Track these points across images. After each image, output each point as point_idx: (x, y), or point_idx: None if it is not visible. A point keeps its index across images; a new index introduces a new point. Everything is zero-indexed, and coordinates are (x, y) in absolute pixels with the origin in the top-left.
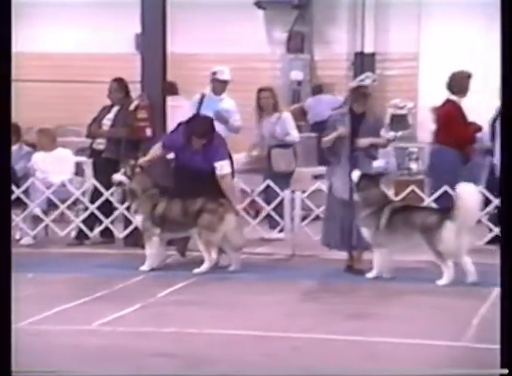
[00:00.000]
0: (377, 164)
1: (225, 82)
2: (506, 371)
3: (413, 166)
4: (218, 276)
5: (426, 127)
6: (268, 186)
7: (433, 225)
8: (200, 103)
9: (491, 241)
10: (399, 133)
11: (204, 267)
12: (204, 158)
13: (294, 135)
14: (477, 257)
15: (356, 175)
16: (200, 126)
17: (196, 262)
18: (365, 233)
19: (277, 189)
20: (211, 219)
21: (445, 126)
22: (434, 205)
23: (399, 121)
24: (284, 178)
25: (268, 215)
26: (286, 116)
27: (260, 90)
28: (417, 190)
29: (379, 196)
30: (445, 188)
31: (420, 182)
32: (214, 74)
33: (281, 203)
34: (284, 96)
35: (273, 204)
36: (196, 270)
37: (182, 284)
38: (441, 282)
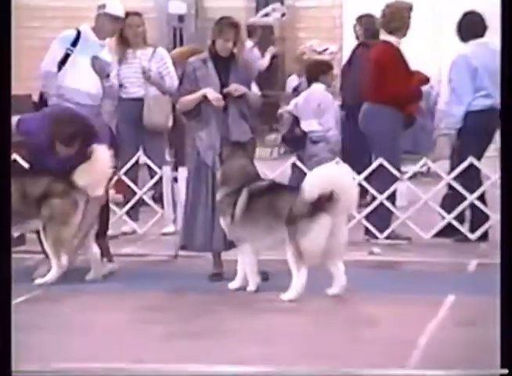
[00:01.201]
0: (307, 126)
1: (116, 20)
2: (506, 371)
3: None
4: (70, 288)
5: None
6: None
7: (302, 215)
8: (74, 44)
9: (441, 233)
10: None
11: (50, 276)
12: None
13: (174, 78)
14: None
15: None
16: (66, 126)
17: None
18: (222, 222)
19: (151, 163)
20: (61, 207)
21: (377, 77)
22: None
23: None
24: (161, 141)
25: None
26: (163, 52)
27: (126, 15)
28: (386, 165)
29: (240, 171)
30: (380, 161)
31: None
32: (102, 7)
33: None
34: (161, 36)
35: (148, 185)
36: (39, 280)
37: (20, 300)
38: (286, 296)
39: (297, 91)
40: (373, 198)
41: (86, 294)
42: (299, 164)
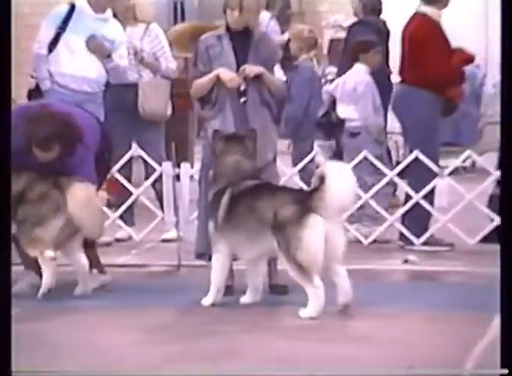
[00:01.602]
0: (342, 112)
1: None
2: (506, 371)
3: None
4: (56, 305)
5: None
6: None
7: (289, 220)
8: (66, 21)
9: (488, 238)
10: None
11: (46, 282)
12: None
13: (170, 59)
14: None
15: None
16: (43, 127)
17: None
18: (209, 226)
19: (147, 157)
20: (37, 208)
21: (413, 55)
22: (396, 180)
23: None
24: (158, 132)
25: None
26: (156, 29)
27: None
28: (370, 157)
29: (231, 168)
30: (416, 154)
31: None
32: None
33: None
34: (158, 11)
35: (145, 184)
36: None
37: None
38: (305, 313)
39: None
40: (408, 198)
41: (74, 311)
42: (320, 158)
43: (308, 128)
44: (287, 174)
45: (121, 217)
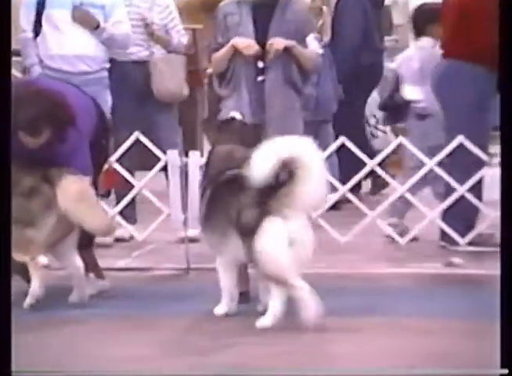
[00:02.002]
0: (408, 93)
1: None
2: (506, 371)
3: None
4: (49, 314)
5: None
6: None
7: (249, 226)
8: None
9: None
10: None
11: (34, 289)
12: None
13: (182, 32)
14: None
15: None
16: (28, 109)
17: None
18: None
19: (151, 145)
20: (26, 206)
21: (461, 23)
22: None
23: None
24: (172, 115)
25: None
26: None
27: None
28: (406, 143)
29: (223, 158)
30: (461, 140)
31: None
32: None
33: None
34: None
35: (149, 175)
36: (27, 301)
37: None
38: (261, 323)
39: None
40: (450, 190)
41: (68, 322)
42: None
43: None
44: None
45: (121, 213)
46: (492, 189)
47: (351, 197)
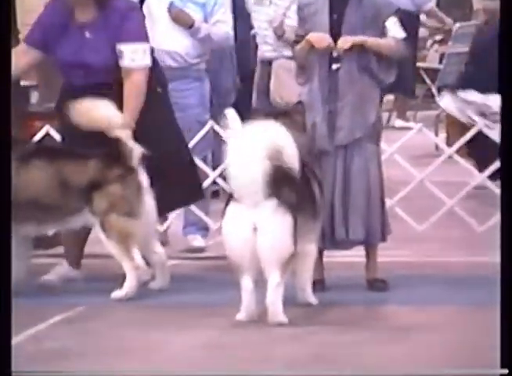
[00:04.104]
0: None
1: None
2: (506, 371)
3: None
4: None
5: None
6: None
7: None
8: None
9: None
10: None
11: (129, 287)
12: (98, 39)
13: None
14: None
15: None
16: None
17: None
18: None
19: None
20: (122, 194)
21: None
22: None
23: None
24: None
25: None
26: None
27: None
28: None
29: None
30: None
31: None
32: None
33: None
34: None
35: (221, 167)
36: (117, 294)
37: (56, 319)
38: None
39: None
40: None
41: (144, 309)
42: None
43: None
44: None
45: None
46: None
47: (429, 185)
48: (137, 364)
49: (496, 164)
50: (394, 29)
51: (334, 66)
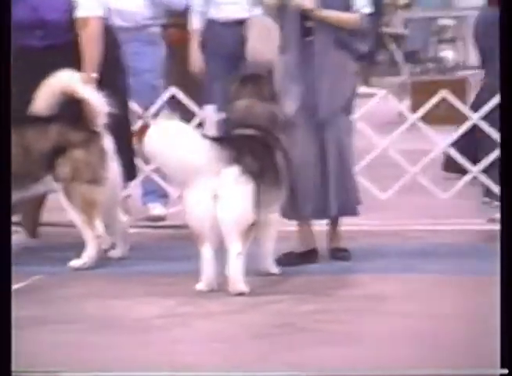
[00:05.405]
0: None
1: None
2: (506, 371)
3: (446, 54)
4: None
5: None
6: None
7: None
8: None
9: None
10: None
11: (88, 256)
12: None
13: None
14: None
15: None
16: None
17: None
18: None
19: (186, 99)
20: (86, 160)
21: None
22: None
23: None
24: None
25: None
26: None
27: None
28: (451, 99)
29: (244, 114)
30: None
31: (460, 83)
32: None
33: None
34: None
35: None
36: (74, 262)
37: (17, 287)
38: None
39: None
40: (491, 144)
41: (103, 278)
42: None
43: None
44: None
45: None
46: None
47: (392, 153)
48: (97, 334)
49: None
50: (360, 3)
51: (308, 38)
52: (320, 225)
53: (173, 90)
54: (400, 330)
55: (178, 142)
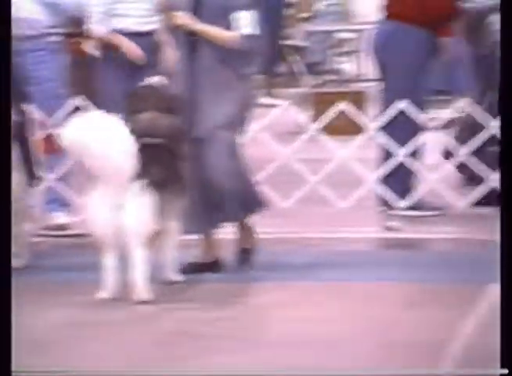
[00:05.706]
0: None
1: None
2: (506, 371)
3: (344, 67)
4: None
5: None
6: None
7: None
8: None
9: (482, 201)
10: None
11: None
12: None
13: None
14: None
15: None
16: None
17: None
18: None
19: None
20: None
21: None
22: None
23: None
24: None
25: None
26: None
27: None
28: (350, 110)
29: (147, 126)
30: (400, 104)
31: (358, 95)
32: None
33: None
34: None
35: None
36: None
37: None
38: None
39: None
40: (389, 155)
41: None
42: None
43: None
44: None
45: None
46: (430, 154)
47: (293, 162)
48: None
49: None
50: (242, 24)
51: (193, 53)
52: (225, 234)
53: (77, 100)
54: (300, 334)
55: (105, 134)
